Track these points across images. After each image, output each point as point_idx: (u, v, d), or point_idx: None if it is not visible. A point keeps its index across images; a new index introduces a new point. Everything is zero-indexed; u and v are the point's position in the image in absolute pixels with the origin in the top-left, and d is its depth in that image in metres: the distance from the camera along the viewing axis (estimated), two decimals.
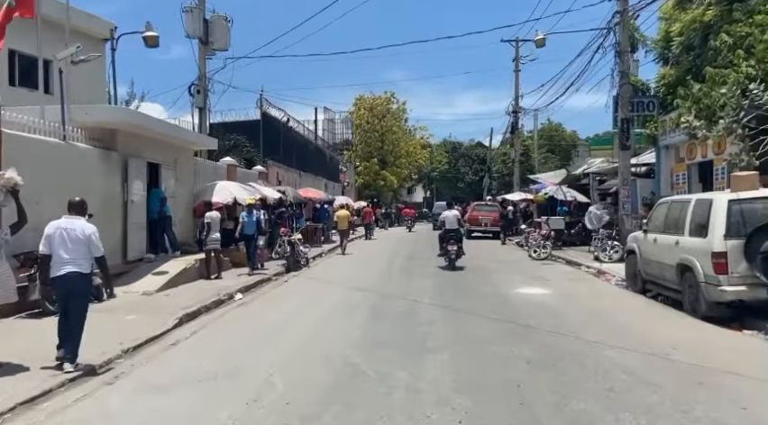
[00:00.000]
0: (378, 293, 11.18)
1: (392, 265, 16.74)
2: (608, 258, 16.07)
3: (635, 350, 6.59)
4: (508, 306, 9.60)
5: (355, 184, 47.13)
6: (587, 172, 26.75)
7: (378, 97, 48.25)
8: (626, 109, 16.34)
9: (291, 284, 13.03)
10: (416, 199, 68.04)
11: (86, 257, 6.16)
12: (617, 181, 18.72)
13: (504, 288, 11.73)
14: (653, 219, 10.70)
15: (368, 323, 8.30)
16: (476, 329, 7.81)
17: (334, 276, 14.14)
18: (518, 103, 32.87)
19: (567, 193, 23.03)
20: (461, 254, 15.30)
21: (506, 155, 44.68)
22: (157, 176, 13.62)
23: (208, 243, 12.68)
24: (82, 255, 6.12)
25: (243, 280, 12.54)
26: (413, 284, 12.59)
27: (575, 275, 14.52)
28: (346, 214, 22.74)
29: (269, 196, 18.20)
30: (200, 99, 19.69)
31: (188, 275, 12.23)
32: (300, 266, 16.10)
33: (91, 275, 6.51)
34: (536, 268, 15.71)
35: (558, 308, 9.43)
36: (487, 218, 29.06)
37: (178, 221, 14.49)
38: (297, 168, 28.36)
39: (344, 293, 11.39)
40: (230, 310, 9.74)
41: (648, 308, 9.75)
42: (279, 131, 25.59)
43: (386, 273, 14.76)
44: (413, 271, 15.09)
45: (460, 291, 11.47)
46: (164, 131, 13.17)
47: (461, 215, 29.03)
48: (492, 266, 16.30)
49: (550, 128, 60.20)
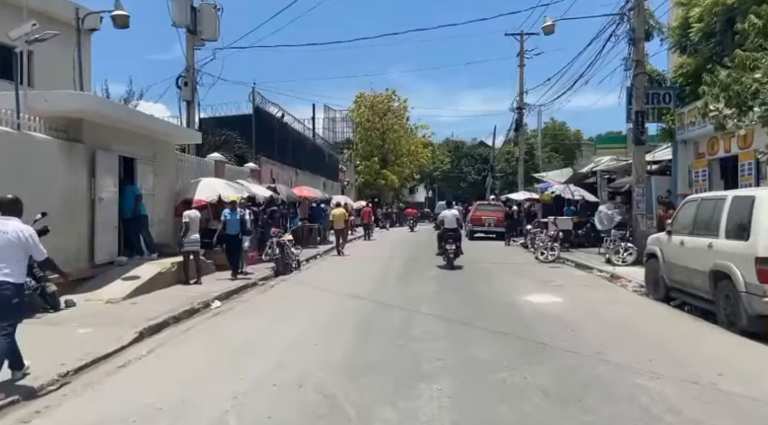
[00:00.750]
0: (371, 300, 10.05)
1: (389, 267, 15.61)
2: (622, 261, 14.93)
3: (673, 377, 5.45)
4: (517, 317, 8.46)
5: (355, 183, 46.00)
6: (594, 170, 25.69)
7: (378, 95, 47.14)
8: (640, 101, 15.20)
9: (277, 289, 11.90)
10: (419, 199, 67.00)
11: (19, 262, 5.20)
12: (631, 179, 17.58)
13: (511, 295, 10.59)
14: (678, 219, 9.55)
15: (355, 340, 7.16)
16: (481, 347, 6.67)
17: (326, 281, 13.02)
18: (523, 100, 31.72)
19: (575, 191, 21.88)
20: (460, 253, 15.30)
21: (509, 153, 43.55)
22: (132, 172, 12.52)
23: (186, 245, 11.56)
24: (15, 260, 5.13)
25: (225, 285, 11.42)
26: (410, 289, 11.47)
27: (587, 279, 13.36)
28: (342, 213, 21.63)
29: (259, 194, 17.11)
30: (187, 92, 18.60)
31: (163, 280, 11.12)
32: (291, 269, 14.98)
33: (23, 283, 5.47)
34: (544, 272, 14.56)
35: (574, 320, 8.28)
36: (490, 218, 27.90)
37: (157, 220, 13.40)
38: (293, 166, 27.22)
39: (333, 300, 10.27)
40: (202, 321, 8.62)
41: (676, 321, 8.59)
42: (274, 127, 24.45)
43: (382, 276, 13.64)
44: (411, 274, 13.97)
45: (462, 298, 10.33)
46: (139, 121, 12.05)
47: (463, 215, 28.07)
48: (497, 269, 15.16)
49: (554, 127, 59.10)
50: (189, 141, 15.91)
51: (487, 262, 16.80)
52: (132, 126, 11.93)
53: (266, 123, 23.55)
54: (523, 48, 31.73)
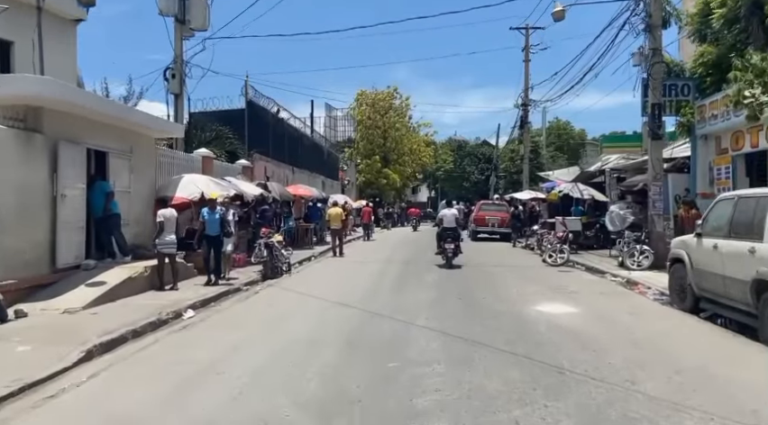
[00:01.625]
0: (362, 310, 8.96)
1: (387, 270, 14.52)
2: (637, 265, 13.81)
3: (727, 418, 4.36)
4: (528, 333, 7.36)
5: (356, 182, 44.90)
6: (603, 169, 24.63)
7: (380, 92, 46.01)
8: (657, 92, 14.09)
9: (261, 297, 10.81)
10: (421, 199, 65.95)
11: None
12: (647, 176, 16.45)
13: (520, 304, 9.48)
14: (710, 220, 8.43)
15: (337, 361, 6.07)
16: (487, 373, 5.57)
17: (316, 286, 11.94)
18: (528, 96, 30.56)
19: (584, 191, 20.74)
20: (459, 252, 15.28)
21: (514, 152, 42.36)
22: (104, 167, 11.46)
23: (160, 246, 10.49)
24: None
25: (203, 292, 10.34)
26: (407, 296, 10.38)
27: (602, 285, 12.24)
28: (339, 212, 20.55)
29: (248, 192, 16.04)
30: (175, 84, 17.55)
31: (134, 285, 10.05)
32: (280, 272, 13.92)
33: None
34: (554, 277, 13.46)
35: (594, 336, 7.17)
36: (494, 218, 26.80)
37: (133, 220, 12.32)
38: (289, 164, 26.15)
39: (320, 310, 9.18)
40: (166, 335, 7.54)
41: (713, 338, 7.47)
42: (268, 123, 23.37)
43: (377, 281, 12.56)
44: (410, 278, 12.89)
45: (464, 308, 9.22)
46: (110, 111, 10.96)
47: (465, 215, 26.98)
48: (503, 273, 14.06)
49: (558, 126, 58.07)
50: (171, 135, 14.84)
51: (491, 265, 15.71)
52: (103, 116, 10.85)
53: (260, 118, 22.48)
54: (528, 42, 30.61)
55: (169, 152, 14.77)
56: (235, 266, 14.39)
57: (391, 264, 16.11)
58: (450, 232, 15.08)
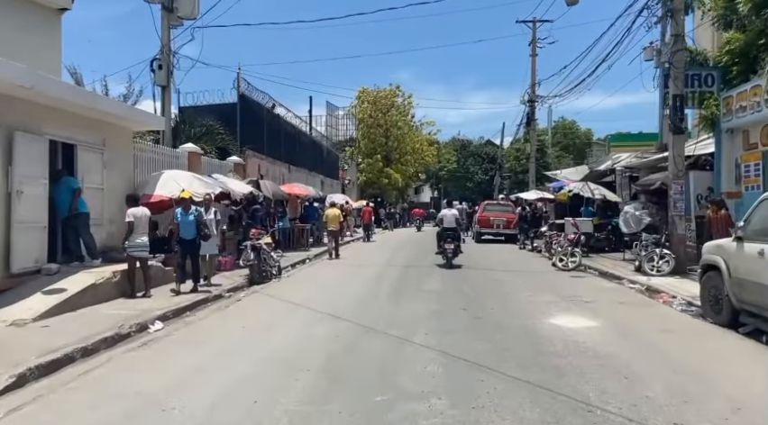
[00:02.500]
0: (352, 323, 7.88)
1: (385, 275, 13.45)
2: (656, 270, 12.71)
3: None
4: (544, 353, 6.25)
5: (357, 182, 43.82)
6: (613, 168, 23.55)
7: (382, 90, 44.91)
8: (679, 82, 12.97)
9: (242, 305, 9.73)
10: (424, 199, 64.88)
11: None
12: (662, 175, 15.37)
13: (531, 316, 8.38)
14: (754, 222, 7.32)
15: (313, 393, 4.97)
16: (499, 412, 4.47)
17: (305, 293, 10.87)
18: (535, 92, 29.43)
19: (595, 190, 19.59)
20: (459, 252, 15.33)
21: (519, 151, 41.27)
22: (71, 161, 10.41)
23: (130, 250, 9.43)
24: None
25: (178, 301, 9.28)
26: (405, 306, 9.29)
27: (620, 293, 11.11)
28: (337, 213, 19.51)
29: (237, 191, 14.97)
30: (161, 76, 16.52)
31: (100, 293, 8.99)
32: (269, 277, 12.86)
33: None
34: (567, 283, 12.36)
35: (623, 359, 6.07)
36: (499, 219, 25.68)
37: (107, 219, 11.30)
38: (285, 162, 25.08)
39: (306, 322, 8.09)
40: (121, 354, 6.46)
41: (763, 359, 6.35)
42: (262, 118, 22.30)
43: (374, 287, 11.47)
44: (409, 284, 11.81)
45: (468, 322, 8.12)
46: (76, 99, 9.89)
47: (469, 216, 25.93)
48: (510, 279, 12.96)
49: (563, 126, 57.00)
50: (150, 127, 13.77)
51: (498, 270, 14.61)
52: (69, 104, 9.78)
53: (253, 113, 21.42)
54: (535, 36, 29.51)
55: (150, 147, 13.72)
56: (222, 269, 13.38)
57: (390, 267, 15.03)
58: (450, 232, 15.10)
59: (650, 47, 21.43)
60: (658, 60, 20.88)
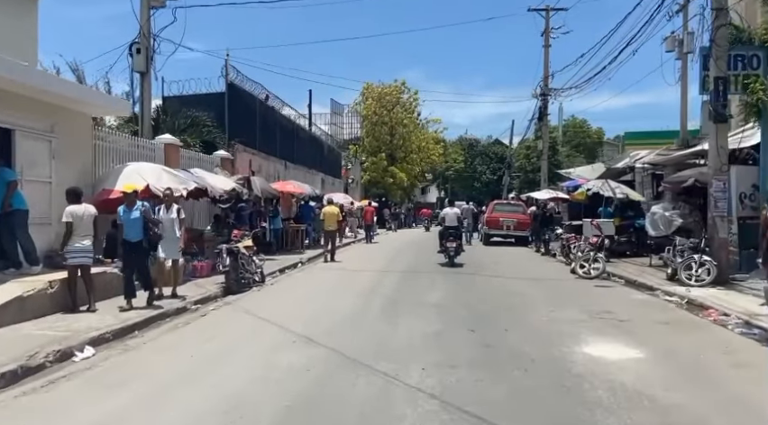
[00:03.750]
0: (332, 350, 6.22)
1: (381, 283, 11.80)
2: (695, 280, 10.99)
3: None
4: (586, 404, 4.55)
5: (361, 181, 42.19)
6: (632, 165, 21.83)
7: (387, 86, 43.25)
8: (722, 63, 11.24)
9: (204, 323, 8.08)
10: (430, 199, 63.25)
11: None
12: (700, 170, 13.63)
13: (557, 342, 6.68)
14: None
15: None
16: None
17: (286, 307, 9.25)
18: (548, 85, 27.66)
19: (616, 188, 17.82)
20: (461, 251, 15.47)
21: (529, 149, 39.47)
22: (8, 150, 8.82)
23: (68, 256, 7.82)
24: None
25: (125, 318, 7.64)
26: (401, 325, 7.62)
27: (658, 309, 9.38)
28: (335, 212, 17.93)
29: (217, 187, 13.36)
30: (140, 61, 14.96)
31: (28, 307, 7.38)
32: (249, 284, 11.26)
33: None
34: (592, 294, 10.67)
35: (699, 414, 4.38)
36: (510, 220, 23.94)
37: (57, 218, 9.62)
38: (281, 158, 23.48)
39: (273, 348, 6.43)
40: (9, 402, 4.83)
41: None
42: (254, 110, 20.67)
43: (366, 300, 9.80)
44: (408, 295, 10.15)
45: (479, 349, 6.44)
46: (12, 76, 8.24)
47: (475, 216, 24.38)
48: (526, 288, 11.27)
49: (574, 124, 55.24)
50: (113, 112, 12.24)
51: (509, 277, 12.92)
52: (5, 82, 8.18)
53: (244, 105, 19.81)
54: (548, 25, 27.75)
55: (115, 137, 12.07)
56: (198, 275, 11.79)
57: (388, 274, 13.36)
58: (452, 231, 15.24)
59: (671, 37, 19.85)
60: (680, 51, 19.34)
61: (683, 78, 19.17)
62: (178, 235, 8.96)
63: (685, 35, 18.52)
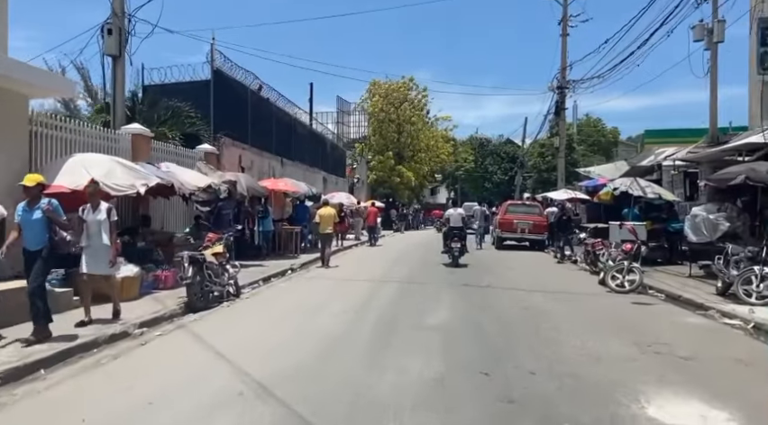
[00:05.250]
0: (286, 408, 4.37)
1: (375, 297, 9.93)
2: (757, 297, 9.05)
3: None
4: None
5: (367, 180, 40.37)
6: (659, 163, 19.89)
7: (394, 82, 41.39)
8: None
9: (137, 357, 6.20)
10: (440, 200, 61.46)
11: None
12: (751, 166, 11.66)
13: (606, 394, 4.78)
14: None
15: None
16: None
17: (252, 330, 7.41)
18: (565, 76, 25.67)
19: (647, 187, 15.83)
20: (465, 251, 15.56)
21: (544, 146, 37.40)
22: None
23: None
24: None
25: (28, 352, 5.84)
26: (388, 368, 5.70)
27: (722, 337, 7.41)
28: (331, 213, 16.15)
29: (189, 183, 11.57)
30: (112, 43, 13.29)
31: None
32: (222, 297, 9.48)
33: None
34: (633, 316, 8.74)
35: None
36: (524, 222, 21.97)
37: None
38: (276, 154, 21.70)
39: (209, 406, 4.57)
40: None
41: None
42: (246, 101, 18.87)
43: (352, 324, 7.90)
44: (406, 315, 8.27)
45: (499, 409, 4.55)
46: None
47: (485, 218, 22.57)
48: (550, 307, 9.32)
49: (588, 123, 53.17)
50: (52, 93, 10.45)
51: (529, 289, 11.00)
52: None
53: (234, 95, 18.03)
54: (566, 12, 25.75)
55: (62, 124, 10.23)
56: (161, 287, 10.02)
57: (386, 284, 11.50)
58: (456, 231, 15.38)
59: (700, 25, 18.00)
60: (709, 41, 17.50)
61: (713, 70, 17.37)
62: (106, 242, 7.04)
63: (715, 23, 16.83)
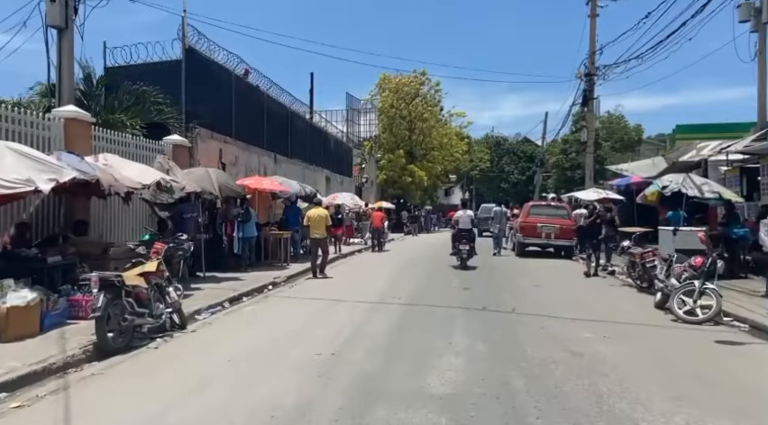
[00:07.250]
0: None
1: (363, 331, 7.37)
2: None
3: None
4: None
5: (377, 180, 37.86)
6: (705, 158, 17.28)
7: (405, 77, 38.80)
8: None
9: None
10: (454, 201, 58.94)
11: None
12: None
13: None
14: None
15: None
16: None
17: (170, 394, 4.92)
18: (594, 62, 22.90)
19: (703, 185, 13.07)
20: (473, 254, 15.46)
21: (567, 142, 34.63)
22: None
23: None
24: None
25: None
26: None
27: None
28: (322, 215, 13.76)
29: (132, 180, 9.08)
30: (55, 12, 11.02)
31: None
32: (149, 335, 6.99)
33: None
34: (727, 365, 6.08)
35: None
36: (550, 226, 19.24)
37: None
38: (269, 150, 19.26)
39: None
40: None
41: None
42: (230, 88, 16.43)
43: (317, 383, 5.36)
44: (401, 364, 5.71)
45: None
46: None
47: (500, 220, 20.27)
48: (604, 350, 6.60)
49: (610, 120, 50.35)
50: None
51: (568, 317, 8.32)
52: None
53: (213, 79, 15.59)
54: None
55: None
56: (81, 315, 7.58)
57: (380, 311, 8.90)
58: (465, 233, 15.43)
59: (746, 3, 15.77)
60: (757, 22, 15.11)
61: (761, 54, 15.17)
62: None
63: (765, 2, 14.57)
